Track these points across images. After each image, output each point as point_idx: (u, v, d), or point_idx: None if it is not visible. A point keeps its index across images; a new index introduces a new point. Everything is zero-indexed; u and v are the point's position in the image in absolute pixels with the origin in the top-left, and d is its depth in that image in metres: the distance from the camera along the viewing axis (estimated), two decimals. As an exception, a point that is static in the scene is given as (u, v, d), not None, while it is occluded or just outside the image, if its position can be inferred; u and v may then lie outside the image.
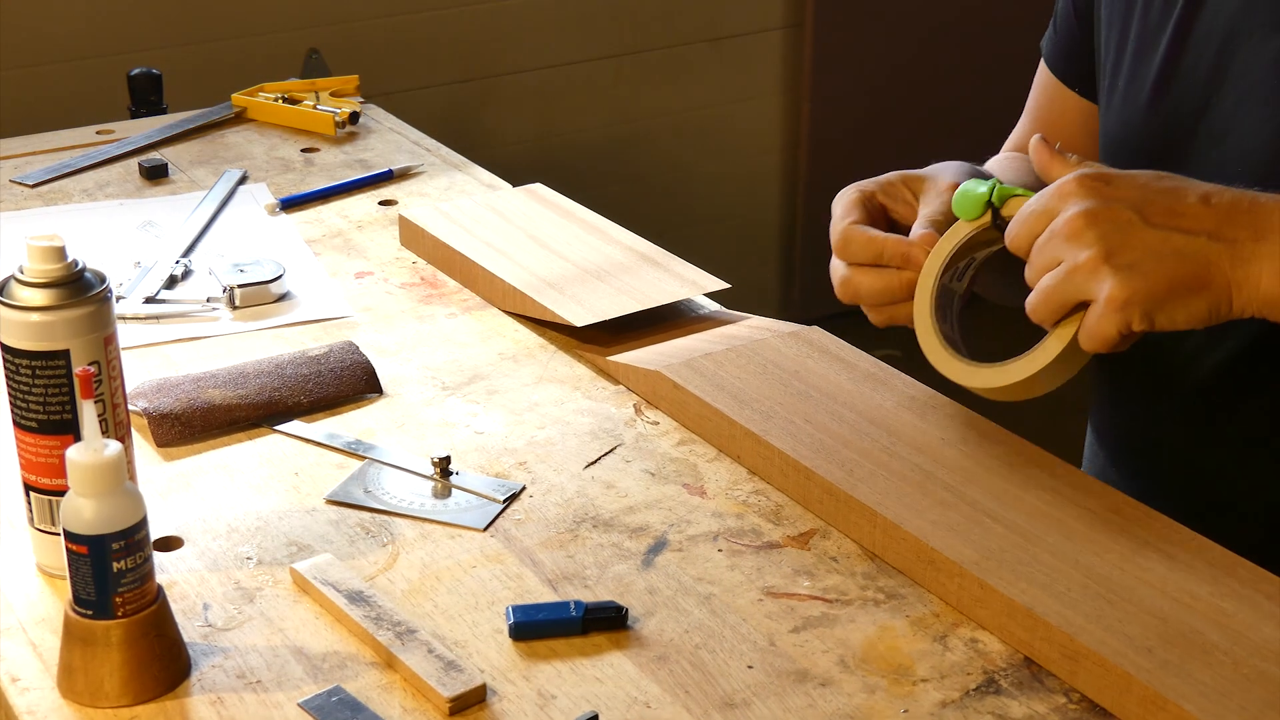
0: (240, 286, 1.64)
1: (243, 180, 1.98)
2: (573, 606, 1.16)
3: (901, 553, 1.22)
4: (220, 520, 1.30)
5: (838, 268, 1.36)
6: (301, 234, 1.83)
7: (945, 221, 1.35)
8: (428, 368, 1.53)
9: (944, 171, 1.41)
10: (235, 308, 1.64)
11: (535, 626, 1.15)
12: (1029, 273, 1.22)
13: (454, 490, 1.33)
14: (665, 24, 3.60)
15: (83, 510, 1.06)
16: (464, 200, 1.85)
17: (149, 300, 1.65)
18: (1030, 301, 1.21)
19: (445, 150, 2.08)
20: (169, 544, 1.27)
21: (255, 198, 1.93)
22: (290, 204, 1.90)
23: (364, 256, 1.78)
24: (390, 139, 2.11)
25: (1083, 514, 1.22)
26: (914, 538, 1.21)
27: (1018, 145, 1.68)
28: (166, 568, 1.24)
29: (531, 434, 1.42)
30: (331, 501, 1.32)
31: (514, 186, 1.90)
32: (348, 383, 1.47)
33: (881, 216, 1.39)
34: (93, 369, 1.11)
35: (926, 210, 1.37)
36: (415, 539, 1.27)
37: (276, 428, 1.43)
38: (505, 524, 1.29)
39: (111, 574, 1.07)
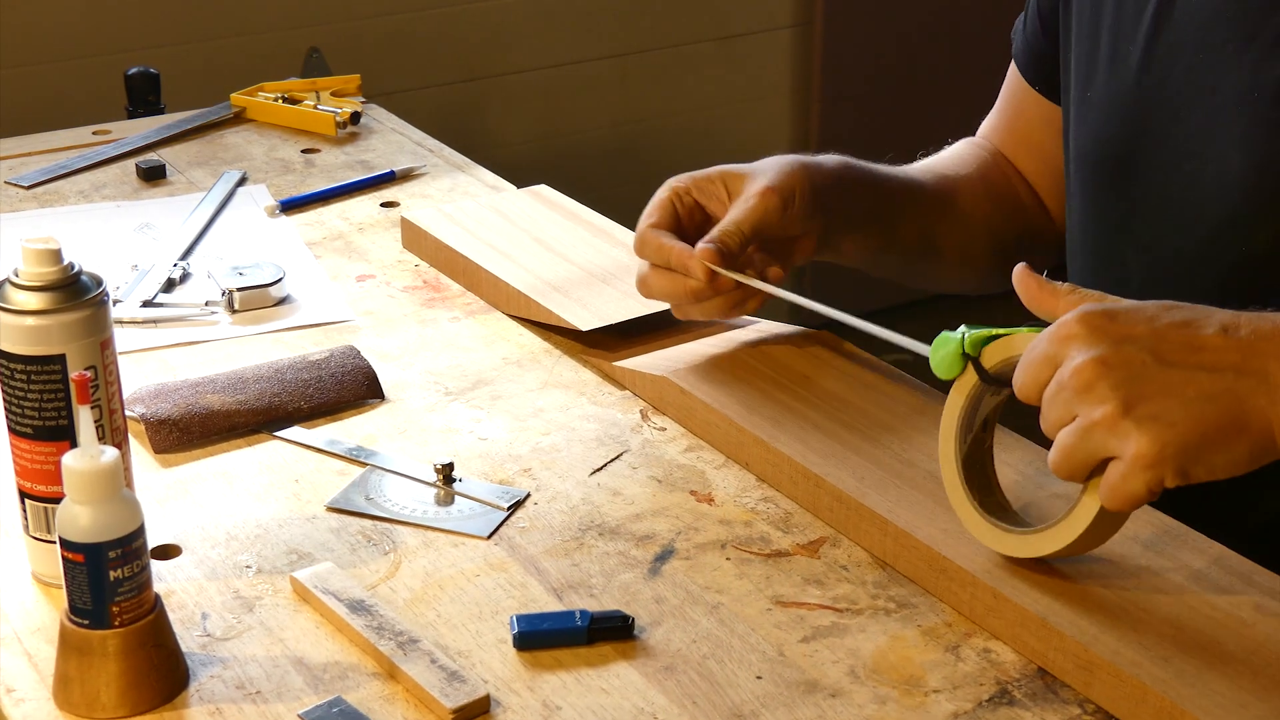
0: (239, 290, 1.65)
1: (242, 182, 1.98)
2: (578, 616, 1.16)
3: (913, 561, 1.22)
4: (219, 528, 1.30)
5: (639, 264, 1.47)
6: (302, 236, 1.83)
7: (738, 233, 1.42)
8: (430, 373, 1.53)
9: (764, 171, 1.45)
10: (234, 311, 1.65)
11: (540, 636, 1.15)
12: (1044, 424, 1.12)
13: (457, 497, 1.33)
14: (671, 22, 3.61)
15: (79, 518, 1.06)
16: (467, 202, 1.85)
17: (146, 304, 1.65)
18: (1051, 460, 1.11)
19: (448, 151, 2.08)
20: (167, 552, 1.27)
21: (255, 199, 1.93)
22: (290, 206, 1.91)
23: (365, 259, 1.78)
24: (392, 139, 2.11)
25: (1098, 522, 1.22)
26: (925, 546, 1.21)
27: (986, 134, 1.71)
28: (164, 576, 1.24)
29: (536, 440, 1.42)
30: (332, 509, 1.32)
31: (518, 188, 1.90)
32: (349, 388, 1.47)
33: (697, 211, 1.47)
34: (89, 374, 1.12)
35: (729, 216, 1.44)
36: (418, 547, 1.27)
37: (276, 434, 1.43)
38: (509, 532, 1.29)
39: (108, 583, 1.07)
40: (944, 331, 1.20)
